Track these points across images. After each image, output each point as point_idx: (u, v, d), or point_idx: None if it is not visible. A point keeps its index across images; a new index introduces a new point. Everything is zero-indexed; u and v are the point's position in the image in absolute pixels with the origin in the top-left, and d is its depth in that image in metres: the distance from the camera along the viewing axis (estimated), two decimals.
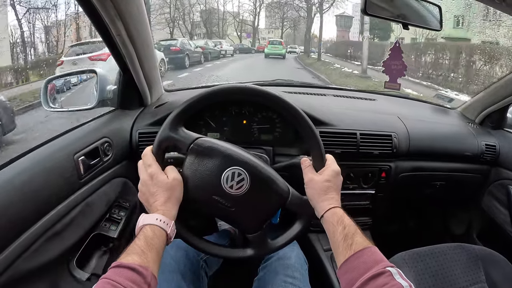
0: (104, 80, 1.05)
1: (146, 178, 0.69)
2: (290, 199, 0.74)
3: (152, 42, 0.98)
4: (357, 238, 0.62)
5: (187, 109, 0.74)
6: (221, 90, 0.76)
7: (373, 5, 0.87)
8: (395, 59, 1.57)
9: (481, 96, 1.35)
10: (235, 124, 1.08)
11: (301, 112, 0.76)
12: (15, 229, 0.66)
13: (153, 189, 0.67)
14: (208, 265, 0.94)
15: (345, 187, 1.14)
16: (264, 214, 0.75)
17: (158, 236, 0.61)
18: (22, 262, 0.66)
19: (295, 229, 0.77)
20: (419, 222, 1.64)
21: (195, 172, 0.71)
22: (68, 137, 0.88)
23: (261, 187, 0.72)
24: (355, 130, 1.11)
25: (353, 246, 0.60)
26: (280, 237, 0.78)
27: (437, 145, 1.23)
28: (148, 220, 0.63)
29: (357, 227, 0.64)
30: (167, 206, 0.66)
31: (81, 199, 0.84)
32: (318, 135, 0.76)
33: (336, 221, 0.66)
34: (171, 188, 0.68)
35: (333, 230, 0.65)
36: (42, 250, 0.71)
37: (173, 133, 0.73)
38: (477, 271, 0.95)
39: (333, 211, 0.68)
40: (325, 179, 0.72)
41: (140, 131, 1.03)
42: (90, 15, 0.77)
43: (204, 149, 0.72)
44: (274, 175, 0.74)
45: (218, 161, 0.71)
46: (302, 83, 1.60)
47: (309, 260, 1.00)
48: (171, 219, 0.65)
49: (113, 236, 0.94)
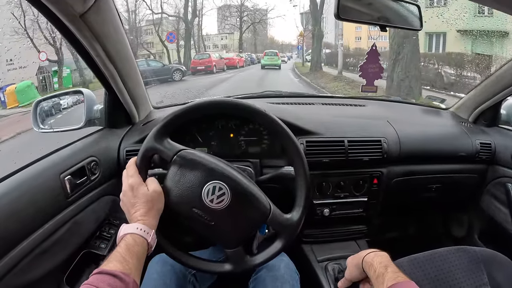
0: (91, 100, 1.07)
1: (126, 189, 0.71)
2: (271, 217, 0.74)
3: (134, 60, 1.00)
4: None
5: (174, 120, 0.76)
6: (208, 103, 0.78)
7: (347, 9, 0.85)
8: (372, 62, 1.57)
9: (472, 94, 1.33)
10: (222, 138, 1.08)
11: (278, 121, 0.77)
12: (3, 247, 0.67)
13: (133, 200, 0.69)
14: (197, 279, 0.93)
15: (336, 196, 1.13)
16: (244, 230, 0.75)
17: (138, 244, 0.63)
18: (11, 278, 0.67)
19: (274, 247, 0.77)
20: (418, 227, 1.61)
21: (177, 183, 0.72)
22: (54, 157, 0.90)
23: (242, 202, 0.72)
24: (342, 137, 1.10)
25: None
26: (260, 254, 0.77)
27: (429, 147, 1.21)
28: (129, 229, 0.64)
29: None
30: (147, 216, 0.68)
31: (69, 218, 0.85)
32: (299, 146, 0.77)
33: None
34: (151, 200, 0.69)
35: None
36: (30, 267, 0.73)
37: (158, 143, 0.74)
38: (480, 274, 0.92)
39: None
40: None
41: (127, 149, 1.05)
42: (66, 36, 0.78)
43: (187, 161, 0.72)
44: (256, 191, 0.74)
45: (200, 174, 0.72)
46: (291, 93, 1.60)
47: (302, 271, 0.98)
48: (152, 228, 0.66)
49: (103, 254, 0.95)
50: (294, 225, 0.75)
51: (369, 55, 1.59)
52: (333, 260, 1.09)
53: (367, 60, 1.58)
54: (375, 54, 1.58)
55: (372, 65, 1.57)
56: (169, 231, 0.76)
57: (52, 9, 0.68)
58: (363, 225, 1.22)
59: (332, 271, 1.03)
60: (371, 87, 1.60)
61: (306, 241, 1.16)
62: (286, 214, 0.75)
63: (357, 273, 0.78)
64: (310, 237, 1.17)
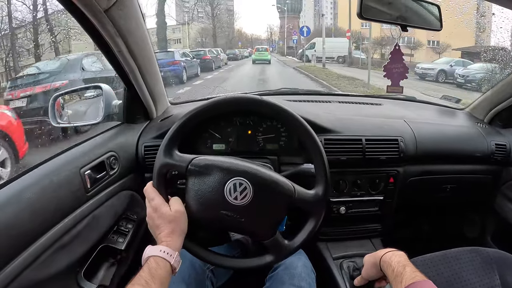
0: (110, 95, 1.08)
1: (150, 211, 0.72)
2: (296, 196, 0.74)
3: (154, 57, 1.00)
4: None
5: (179, 131, 0.77)
6: (209, 106, 0.78)
7: (370, 9, 0.85)
8: (396, 62, 1.56)
9: (489, 95, 1.32)
10: (240, 135, 1.08)
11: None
12: (23, 241, 0.68)
13: (157, 221, 0.70)
14: (215, 275, 0.94)
15: (352, 194, 1.13)
16: (275, 217, 0.75)
17: (161, 267, 0.63)
18: (30, 272, 0.68)
19: (309, 226, 0.77)
20: (431, 227, 1.61)
21: (198, 192, 0.72)
22: (74, 151, 0.91)
23: (265, 191, 0.73)
24: (360, 136, 1.10)
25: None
26: (296, 237, 0.77)
27: (445, 147, 1.21)
28: (152, 251, 0.65)
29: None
30: (171, 237, 0.68)
31: (88, 212, 0.86)
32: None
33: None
34: (174, 220, 0.70)
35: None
36: (50, 261, 0.73)
37: (169, 158, 0.75)
38: (492, 275, 0.92)
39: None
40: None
41: (146, 144, 1.05)
42: (90, 32, 0.79)
43: (201, 168, 0.73)
44: (275, 176, 0.75)
45: (217, 176, 0.72)
46: (307, 91, 1.60)
47: (318, 269, 0.99)
48: (175, 250, 0.67)
49: (121, 248, 0.95)
50: (321, 198, 0.75)
51: (393, 55, 1.58)
52: (348, 258, 1.09)
53: (391, 60, 1.57)
54: (398, 53, 1.57)
55: (396, 65, 1.56)
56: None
57: (77, 4, 0.68)
58: (378, 223, 1.22)
59: (347, 268, 1.03)
60: (397, 87, 1.59)
61: (322, 238, 1.17)
62: (310, 190, 0.76)
63: (374, 272, 0.79)
64: (326, 235, 1.18)
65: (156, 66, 1.04)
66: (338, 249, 1.14)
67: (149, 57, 0.97)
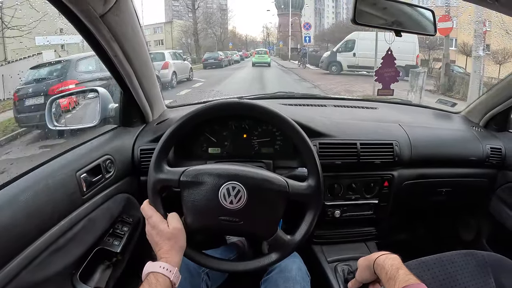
0: (106, 99, 1.08)
1: (149, 229, 0.74)
2: (291, 191, 0.75)
3: (150, 61, 1.01)
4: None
5: (165, 146, 0.78)
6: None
7: (364, 14, 0.87)
8: (387, 66, 1.58)
9: (484, 99, 1.33)
10: (235, 138, 1.09)
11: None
12: (19, 243, 0.68)
13: (156, 238, 0.72)
14: (210, 278, 0.94)
15: (347, 197, 1.14)
16: (273, 215, 0.76)
17: (161, 283, 0.64)
18: (26, 274, 0.68)
19: (308, 218, 0.77)
20: (427, 230, 1.61)
21: (194, 202, 0.74)
22: (70, 155, 0.91)
23: (259, 191, 0.73)
24: (355, 140, 1.11)
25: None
26: (298, 230, 0.78)
27: (440, 151, 1.21)
28: (152, 268, 0.67)
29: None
30: (170, 254, 0.70)
31: (84, 215, 0.86)
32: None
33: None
34: (173, 237, 0.71)
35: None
36: (46, 264, 0.74)
37: (159, 174, 0.76)
38: (487, 279, 0.92)
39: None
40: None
41: (141, 148, 1.06)
42: (86, 37, 0.79)
43: (192, 179, 0.74)
44: (266, 174, 0.76)
45: (210, 184, 0.73)
46: (303, 95, 1.61)
47: (312, 272, 0.99)
48: (175, 266, 0.68)
49: (116, 251, 0.96)
50: (316, 188, 0.76)
51: (385, 60, 1.60)
52: (343, 261, 1.10)
53: (383, 65, 1.59)
54: (390, 58, 1.59)
55: (388, 69, 1.58)
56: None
57: (73, 9, 0.69)
58: (372, 227, 1.23)
59: (341, 272, 1.04)
60: (388, 90, 1.61)
61: (317, 241, 1.17)
62: (302, 182, 0.76)
63: (368, 275, 0.79)
64: (321, 238, 1.18)
65: (152, 70, 1.04)
66: (332, 253, 1.15)
67: (145, 61, 0.97)
